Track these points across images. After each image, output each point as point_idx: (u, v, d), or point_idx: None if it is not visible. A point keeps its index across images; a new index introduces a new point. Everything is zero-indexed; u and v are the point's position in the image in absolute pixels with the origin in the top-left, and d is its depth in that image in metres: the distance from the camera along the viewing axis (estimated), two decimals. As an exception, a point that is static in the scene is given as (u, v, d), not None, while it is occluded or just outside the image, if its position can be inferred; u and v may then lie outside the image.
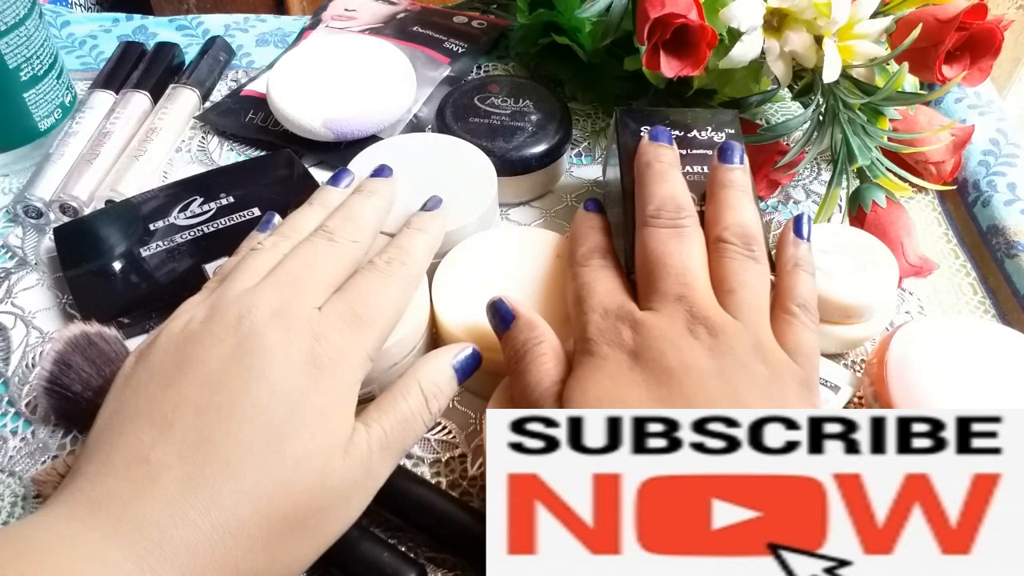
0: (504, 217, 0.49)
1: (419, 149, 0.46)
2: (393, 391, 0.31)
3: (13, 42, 0.46)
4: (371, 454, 0.29)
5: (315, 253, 0.33)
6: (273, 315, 0.30)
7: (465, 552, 0.34)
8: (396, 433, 0.30)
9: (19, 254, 0.46)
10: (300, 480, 0.27)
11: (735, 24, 0.42)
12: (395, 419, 0.30)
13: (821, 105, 0.44)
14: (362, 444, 0.29)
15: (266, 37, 0.63)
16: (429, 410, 0.31)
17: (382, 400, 0.31)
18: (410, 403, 0.31)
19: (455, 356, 0.33)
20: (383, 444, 0.29)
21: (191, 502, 0.25)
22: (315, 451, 0.27)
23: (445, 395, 0.32)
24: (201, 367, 0.28)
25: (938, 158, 0.49)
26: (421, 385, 0.31)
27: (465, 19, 0.62)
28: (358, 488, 0.29)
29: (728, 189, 0.36)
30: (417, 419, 0.31)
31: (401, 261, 0.34)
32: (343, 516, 0.29)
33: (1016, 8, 1.03)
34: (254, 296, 0.30)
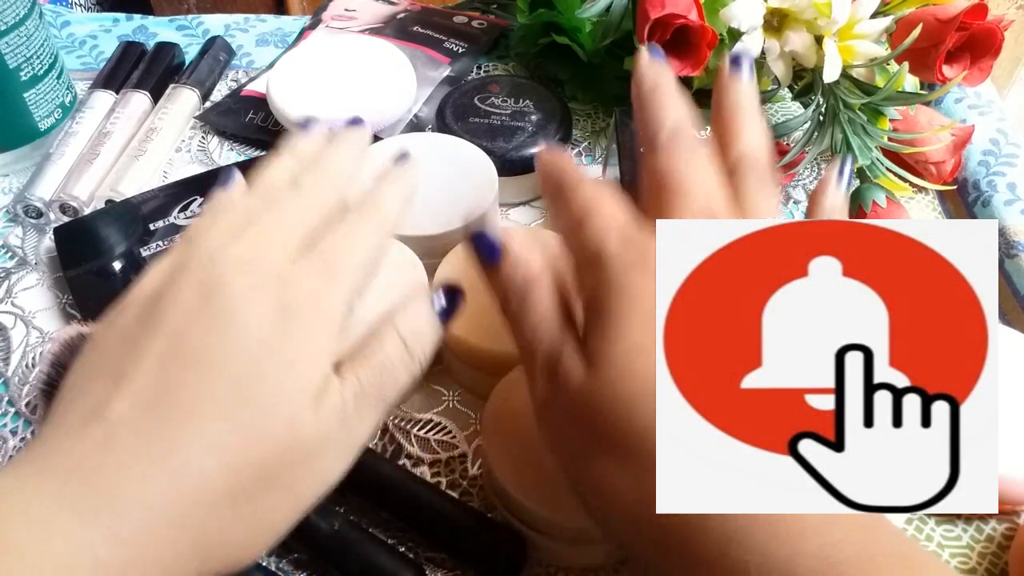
0: (504, 217, 0.49)
1: (419, 149, 0.46)
2: (369, 340, 0.29)
3: (13, 42, 0.46)
4: (345, 405, 0.27)
5: (287, 209, 0.31)
6: (240, 265, 0.28)
7: (464, 552, 0.34)
8: (373, 382, 0.27)
9: (19, 254, 0.46)
10: (267, 430, 0.25)
11: (735, 24, 0.42)
12: (371, 368, 0.28)
13: (821, 105, 0.44)
14: (335, 395, 0.27)
15: (266, 37, 0.63)
16: (410, 355, 0.28)
17: (358, 350, 0.28)
18: (387, 349, 0.28)
19: (431, 295, 0.30)
20: (358, 395, 0.27)
21: (146, 454, 0.24)
22: (283, 400, 0.26)
23: (428, 337, 0.29)
24: (165, 321, 0.26)
25: (938, 158, 0.49)
26: (397, 329, 0.29)
27: (465, 19, 0.62)
28: (332, 442, 0.27)
29: (740, 109, 0.32)
30: (397, 366, 0.28)
31: (373, 210, 0.32)
32: (317, 473, 0.27)
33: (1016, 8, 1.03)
34: (222, 250, 0.28)
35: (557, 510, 0.31)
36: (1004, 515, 0.36)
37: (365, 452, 0.36)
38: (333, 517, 0.34)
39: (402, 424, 0.39)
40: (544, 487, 0.32)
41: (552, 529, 0.32)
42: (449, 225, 0.41)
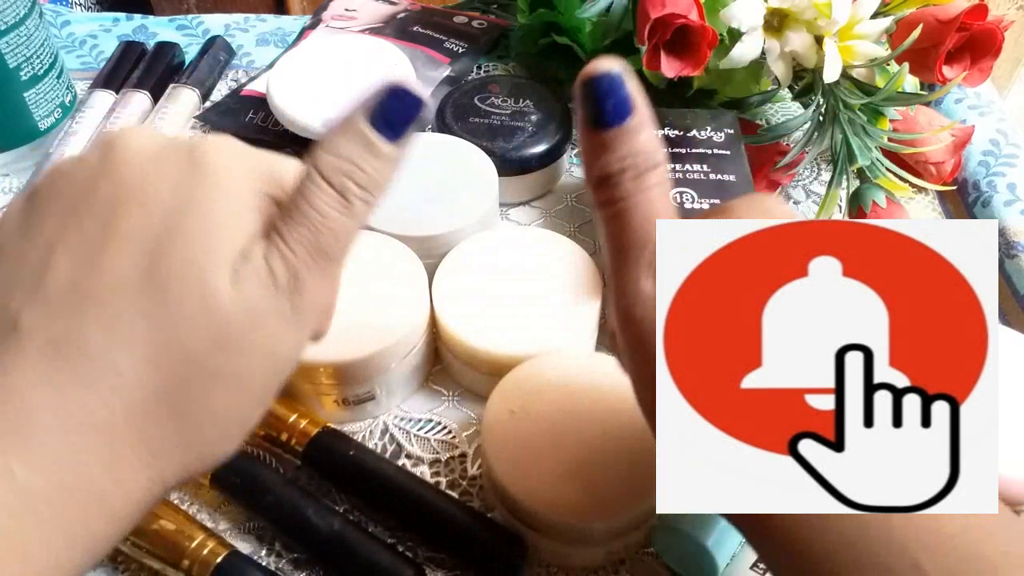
0: (504, 217, 0.49)
1: (419, 149, 0.46)
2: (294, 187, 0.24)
3: (13, 42, 0.46)
4: (273, 270, 0.23)
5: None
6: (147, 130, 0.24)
7: (464, 552, 0.34)
8: (303, 240, 0.23)
9: None
10: (179, 309, 0.22)
11: (735, 24, 0.42)
12: (296, 223, 0.23)
13: (821, 105, 0.44)
14: (257, 259, 0.23)
15: (266, 37, 0.63)
16: (340, 194, 0.23)
17: (285, 201, 0.24)
18: (310, 196, 0.23)
19: (368, 107, 0.24)
20: (286, 256, 0.23)
21: (55, 363, 0.21)
22: (191, 271, 0.22)
23: (365, 167, 0.23)
24: (68, 196, 0.23)
25: (938, 158, 0.49)
26: (318, 167, 0.23)
27: (465, 19, 0.62)
28: (266, 314, 0.23)
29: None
30: (329, 213, 0.23)
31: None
32: (260, 351, 0.23)
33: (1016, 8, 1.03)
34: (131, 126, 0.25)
35: (557, 510, 0.31)
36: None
37: (365, 452, 0.36)
38: (333, 517, 0.34)
39: (402, 424, 0.39)
40: (544, 487, 0.32)
41: (552, 529, 0.32)
42: (449, 225, 0.41)
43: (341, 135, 0.24)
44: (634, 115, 0.24)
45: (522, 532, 0.33)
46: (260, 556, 0.35)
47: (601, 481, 0.32)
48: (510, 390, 0.35)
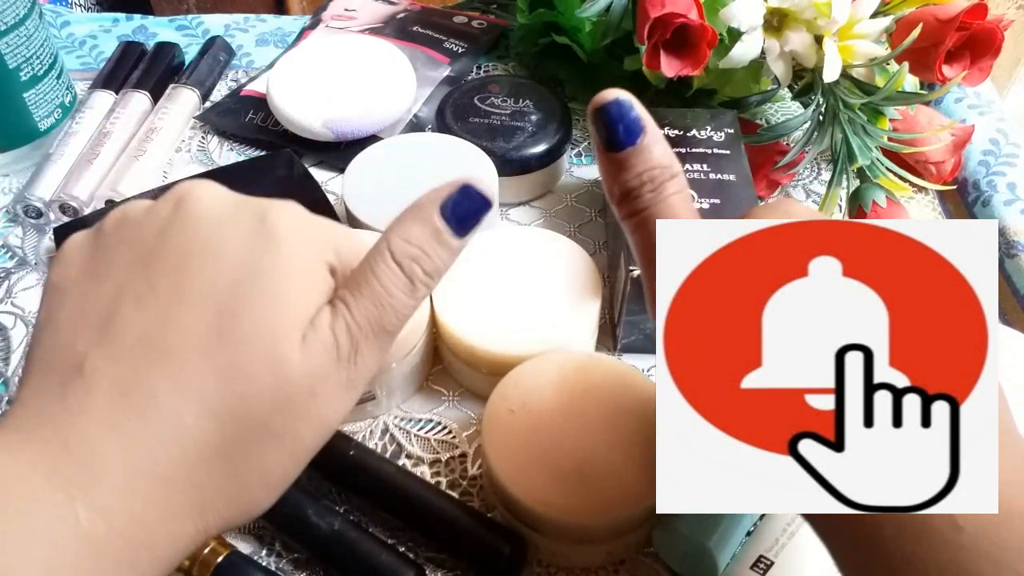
0: (504, 217, 0.49)
1: (419, 149, 0.46)
2: (364, 260, 0.25)
3: (13, 42, 0.46)
4: (337, 340, 0.24)
5: None
6: (219, 188, 0.25)
7: (464, 552, 0.34)
8: (367, 314, 0.24)
9: (19, 254, 0.46)
10: (247, 369, 0.22)
11: (735, 24, 0.42)
12: (364, 297, 0.24)
13: (821, 105, 0.44)
14: (324, 328, 0.24)
15: (266, 37, 0.63)
16: (408, 277, 0.25)
17: (353, 274, 0.25)
18: (379, 274, 0.24)
19: (439, 201, 0.25)
20: (351, 328, 0.24)
21: (124, 411, 0.22)
22: (263, 333, 0.23)
23: (432, 256, 0.25)
24: (137, 247, 0.24)
25: (938, 158, 0.49)
26: (392, 248, 0.25)
27: (465, 19, 0.62)
28: (326, 381, 0.24)
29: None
30: (393, 293, 0.24)
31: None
32: (314, 416, 0.24)
33: (1016, 8, 1.03)
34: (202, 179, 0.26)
35: (557, 510, 0.31)
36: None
37: (365, 452, 0.36)
38: (333, 517, 0.34)
39: (402, 424, 0.39)
40: (544, 487, 0.32)
41: (552, 529, 0.32)
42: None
43: (414, 222, 0.25)
44: (645, 134, 0.26)
45: (522, 532, 0.33)
46: (260, 556, 0.35)
47: (601, 481, 0.32)
48: (510, 390, 0.35)
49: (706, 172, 0.40)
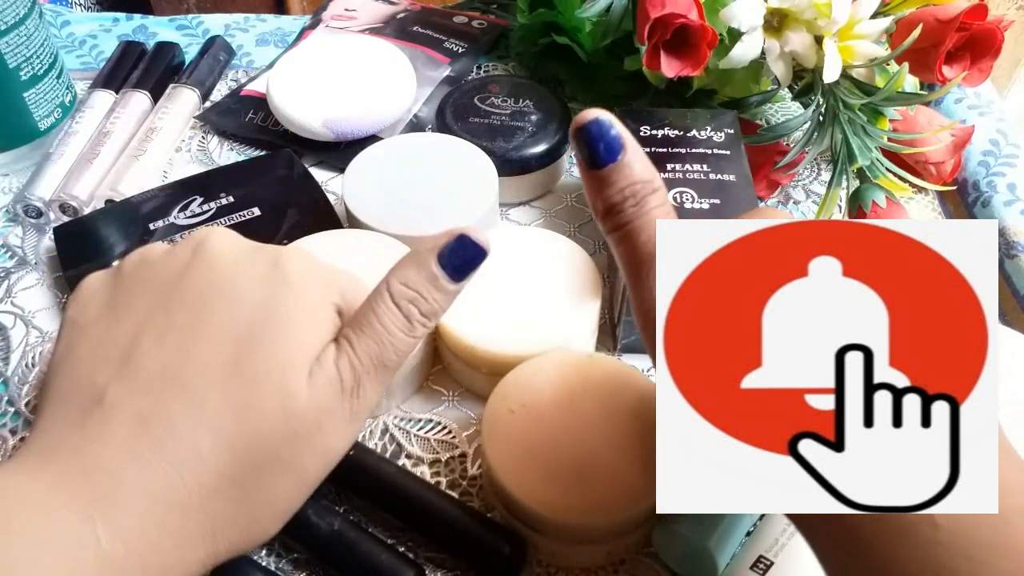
0: (504, 217, 0.49)
1: (419, 149, 0.46)
2: (366, 301, 0.27)
3: (13, 42, 0.46)
4: (341, 376, 0.26)
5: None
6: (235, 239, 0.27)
7: (464, 552, 0.34)
8: (369, 351, 0.26)
9: (19, 254, 0.46)
10: (260, 404, 0.24)
11: (735, 24, 0.42)
12: (365, 336, 0.26)
13: (821, 105, 0.44)
14: (329, 364, 0.26)
15: (266, 37, 0.63)
16: (406, 317, 0.26)
17: (355, 314, 0.27)
18: (380, 315, 0.26)
19: (437, 248, 0.27)
20: (354, 364, 0.26)
21: (143, 440, 0.23)
22: (274, 369, 0.25)
23: (428, 299, 0.27)
24: (156, 288, 0.26)
25: (938, 158, 0.49)
26: (391, 290, 0.27)
27: (465, 19, 0.62)
28: (331, 415, 0.25)
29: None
30: (393, 332, 0.26)
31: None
32: (320, 447, 0.26)
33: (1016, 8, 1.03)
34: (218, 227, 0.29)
35: (557, 510, 0.31)
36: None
37: (365, 452, 0.36)
38: (333, 517, 0.34)
39: (402, 424, 0.39)
40: (544, 487, 0.32)
41: (552, 529, 0.32)
42: (449, 225, 0.41)
43: (412, 267, 0.27)
44: (625, 152, 0.27)
45: (522, 532, 0.33)
46: (260, 556, 0.35)
47: (601, 481, 0.32)
48: (510, 390, 0.35)
49: (706, 172, 0.40)
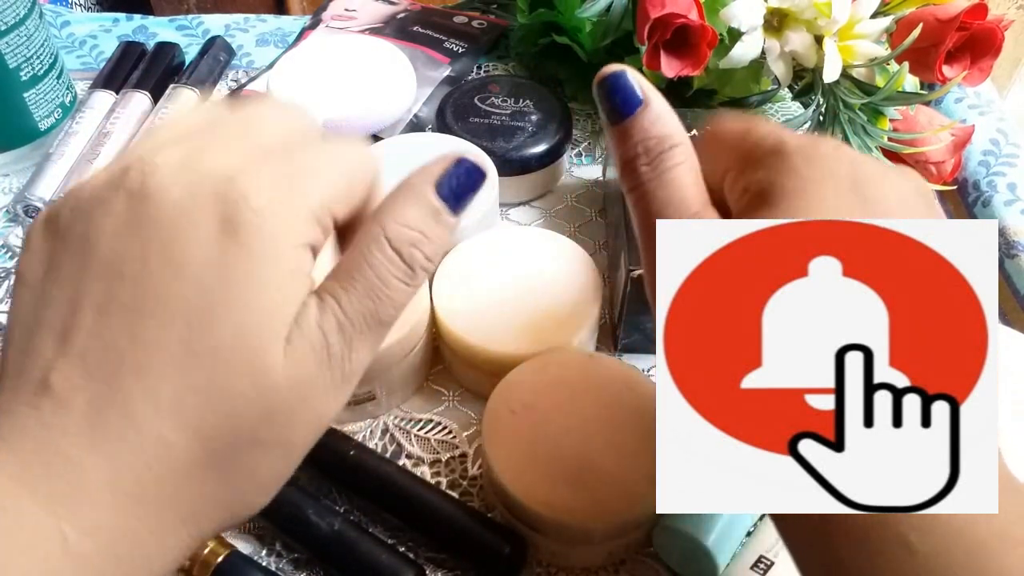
0: (504, 217, 0.49)
1: (419, 149, 0.46)
2: (354, 247, 0.23)
3: (13, 42, 0.46)
4: (326, 339, 0.22)
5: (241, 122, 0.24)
6: (174, 171, 0.22)
7: (464, 552, 0.34)
8: (360, 306, 0.23)
9: (19, 254, 0.46)
10: (228, 386, 0.21)
11: (735, 24, 0.42)
12: (357, 288, 0.23)
13: (821, 105, 0.44)
14: (311, 327, 0.22)
15: (266, 37, 0.63)
16: (407, 262, 0.23)
17: (341, 263, 0.23)
18: (374, 262, 0.23)
19: (434, 177, 0.24)
20: (342, 323, 0.23)
21: (102, 430, 0.21)
22: (241, 345, 0.21)
23: (431, 237, 0.24)
24: (94, 250, 0.22)
25: (938, 158, 0.49)
26: (388, 233, 0.23)
27: (465, 19, 0.62)
28: (316, 383, 0.22)
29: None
30: (392, 283, 0.23)
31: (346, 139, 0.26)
32: (306, 420, 0.23)
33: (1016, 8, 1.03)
34: (154, 151, 0.23)
35: (557, 510, 0.31)
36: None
37: (365, 452, 0.36)
38: (333, 517, 0.34)
39: (402, 424, 0.39)
40: (544, 487, 0.32)
41: (552, 529, 0.32)
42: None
43: (410, 204, 0.23)
44: (645, 105, 0.26)
45: (522, 532, 0.33)
46: (260, 556, 0.35)
47: (601, 481, 0.32)
48: (510, 390, 0.35)
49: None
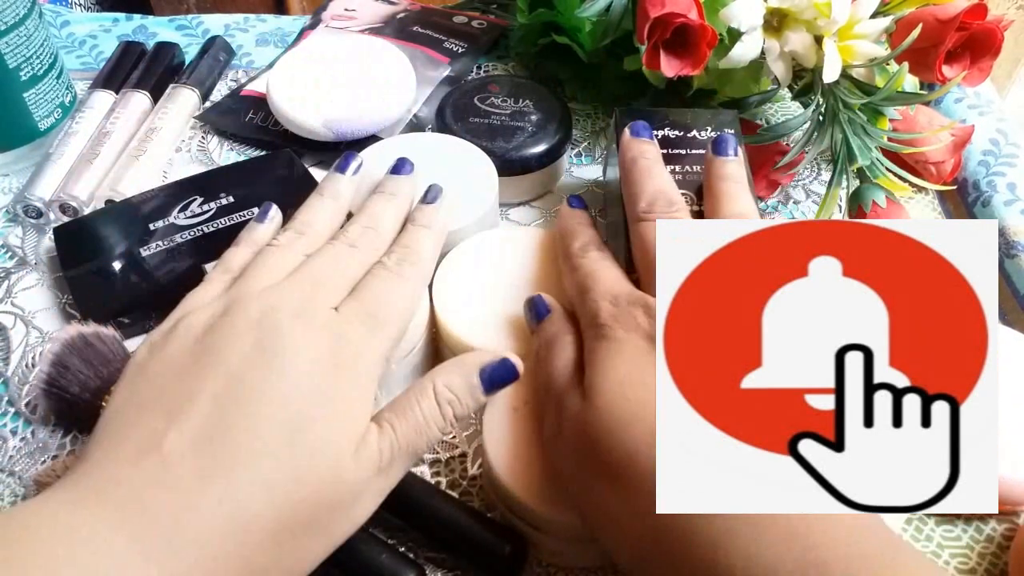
0: (504, 217, 0.49)
1: (419, 149, 0.46)
2: (409, 393, 0.31)
3: (13, 42, 0.46)
4: (381, 455, 0.29)
5: (336, 257, 0.33)
6: (295, 314, 0.30)
7: (464, 552, 0.34)
8: (408, 437, 0.30)
9: (19, 254, 0.46)
10: (312, 474, 0.27)
11: (735, 24, 0.42)
12: (407, 423, 0.30)
13: (821, 105, 0.44)
14: (373, 444, 0.29)
15: (266, 37, 0.63)
16: (443, 417, 0.31)
17: (397, 402, 0.31)
18: (423, 408, 0.30)
19: (481, 363, 0.32)
20: (394, 447, 0.29)
21: (204, 493, 0.25)
22: (329, 446, 0.28)
23: (463, 404, 0.31)
24: (220, 359, 0.28)
25: (938, 158, 0.49)
26: (436, 390, 0.31)
27: (465, 19, 0.62)
28: (368, 488, 0.29)
29: (725, 181, 0.36)
30: (431, 425, 0.30)
31: (411, 262, 0.34)
32: (352, 516, 0.29)
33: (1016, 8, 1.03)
34: (277, 294, 0.31)
35: (557, 509, 0.31)
36: (1004, 515, 0.36)
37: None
38: (333, 517, 0.34)
39: (402, 424, 0.39)
40: (544, 486, 0.32)
41: (552, 528, 0.32)
42: (450, 225, 0.41)
43: (457, 375, 0.31)
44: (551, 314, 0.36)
45: (522, 531, 0.33)
46: None
47: (601, 481, 0.32)
48: (511, 389, 0.35)
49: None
